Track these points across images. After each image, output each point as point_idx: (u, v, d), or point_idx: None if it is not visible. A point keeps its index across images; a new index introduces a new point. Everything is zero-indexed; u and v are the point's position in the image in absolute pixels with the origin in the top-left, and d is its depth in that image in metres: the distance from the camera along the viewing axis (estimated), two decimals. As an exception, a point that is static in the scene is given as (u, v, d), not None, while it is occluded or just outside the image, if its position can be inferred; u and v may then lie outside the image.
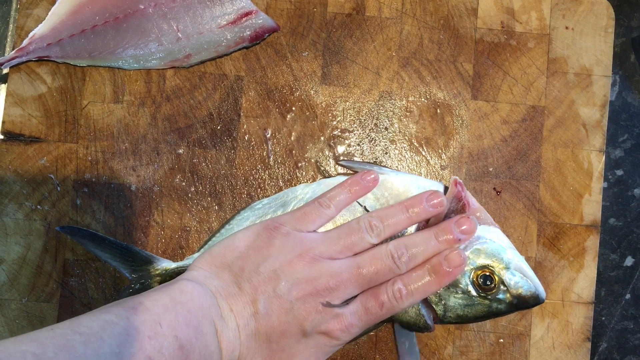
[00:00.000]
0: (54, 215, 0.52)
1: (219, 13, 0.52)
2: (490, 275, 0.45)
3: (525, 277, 0.45)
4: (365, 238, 0.44)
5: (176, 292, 0.40)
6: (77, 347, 0.33)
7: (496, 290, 0.45)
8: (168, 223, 0.52)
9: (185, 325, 0.38)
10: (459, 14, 0.54)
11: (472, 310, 0.46)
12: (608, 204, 0.56)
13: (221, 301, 0.41)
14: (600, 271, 0.55)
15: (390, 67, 0.54)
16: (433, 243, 0.44)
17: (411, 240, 0.44)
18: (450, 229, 0.44)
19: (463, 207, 0.47)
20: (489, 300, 0.45)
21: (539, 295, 0.45)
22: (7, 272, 0.51)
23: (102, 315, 0.36)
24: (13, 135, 0.52)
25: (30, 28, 0.53)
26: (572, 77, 0.54)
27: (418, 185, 0.49)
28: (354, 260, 0.43)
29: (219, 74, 0.53)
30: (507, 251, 0.46)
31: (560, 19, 0.54)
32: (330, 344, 0.43)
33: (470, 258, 0.45)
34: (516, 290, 0.45)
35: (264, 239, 0.44)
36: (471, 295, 0.45)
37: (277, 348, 0.42)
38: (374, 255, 0.44)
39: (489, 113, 0.54)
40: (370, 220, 0.45)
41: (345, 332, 0.43)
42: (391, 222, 0.45)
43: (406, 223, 0.45)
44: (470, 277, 0.45)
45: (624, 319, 0.55)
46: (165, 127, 0.53)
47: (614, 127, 0.56)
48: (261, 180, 0.53)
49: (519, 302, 0.45)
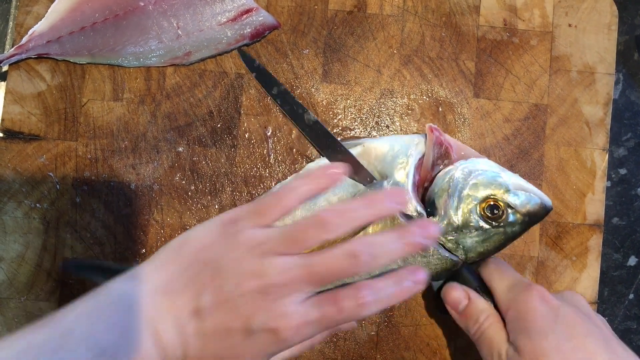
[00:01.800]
0: (53, 214, 0.52)
1: (219, 10, 0.52)
2: (495, 203, 0.46)
3: (527, 192, 0.46)
4: (320, 233, 0.40)
5: (100, 296, 0.38)
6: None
7: (505, 215, 0.46)
8: (168, 222, 0.52)
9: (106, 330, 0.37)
10: (461, 11, 0.54)
11: (491, 242, 0.46)
12: (611, 203, 0.55)
13: (161, 298, 0.40)
14: (604, 271, 0.54)
15: (391, 65, 0.53)
16: (395, 244, 0.39)
17: (372, 239, 0.40)
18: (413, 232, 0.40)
19: (446, 150, 0.47)
20: (502, 227, 0.46)
21: (545, 205, 0.46)
22: (5, 271, 0.51)
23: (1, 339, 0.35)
24: (12, 133, 0.52)
25: (29, 25, 0.53)
26: (575, 75, 0.54)
27: (400, 143, 0.50)
28: (306, 257, 0.40)
29: (219, 72, 0.53)
30: (502, 174, 0.47)
31: (563, 17, 0.54)
32: (277, 343, 0.40)
33: (470, 194, 0.46)
34: (524, 208, 0.46)
35: (216, 235, 0.42)
36: (485, 229, 0.46)
37: (223, 346, 0.39)
38: (327, 252, 0.39)
39: (491, 111, 0.53)
40: (326, 214, 0.40)
41: (296, 333, 0.39)
42: (351, 217, 0.40)
43: (369, 218, 0.41)
44: (477, 212, 0.46)
45: (627, 319, 0.55)
46: (165, 125, 0.53)
47: (617, 125, 0.56)
48: (261, 178, 0.52)
49: (530, 218, 0.46)
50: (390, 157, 0.49)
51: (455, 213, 0.46)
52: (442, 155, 0.47)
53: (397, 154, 0.49)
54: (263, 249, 0.40)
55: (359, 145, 0.51)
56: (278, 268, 0.39)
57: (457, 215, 0.46)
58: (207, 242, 0.42)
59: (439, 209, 0.47)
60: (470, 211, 0.46)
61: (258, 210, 0.42)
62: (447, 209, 0.46)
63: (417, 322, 0.52)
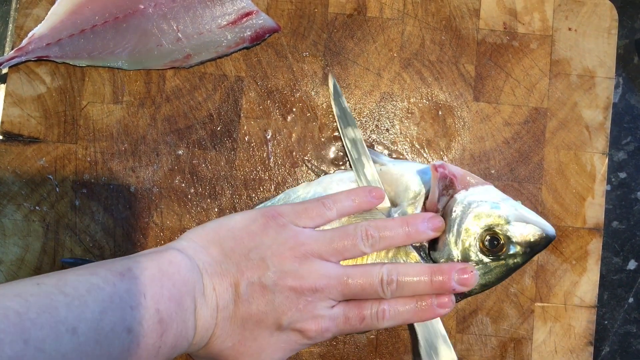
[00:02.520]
0: (52, 216, 0.52)
1: (219, 13, 0.52)
2: (495, 236, 0.45)
3: (528, 223, 0.45)
4: (359, 245, 0.44)
5: (165, 263, 0.39)
6: (60, 309, 0.32)
7: (506, 247, 0.45)
8: (167, 224, 0.52)
9: (169, 299, 0.37)
10: (461, 14, 0.54)
11: (492, 275, 0.45)
12: (611, 207, 0.55)
13: (206, 278, 0.41)
14: (603, 275, 0.54)
15: (391, 68, 0.53)
16: (425, 280, 0.43)
17: (405, 269, 0.43)
18: (449, 274, 0.43)
19: (451, 182, 0.46)
20: (503, 260, 0.45)
21: (547, 234, 0.45)
22: (5, 274, 0.51)
23: (90, 277, 0.35)
24: (12, 136, 0.52)
25: (29, 28, 0.53)
26: (575, 78, 0.54)
27: (416, 173, 0.49)
28: (345, 268, 0.43)
29: (219, 75, 0.53)
30: (502, 205, 0.45)
31: (563, 20, 0.54)
32: (301, 342, 0.43)
33: (469, 228, 0.45)
34: (525, 239, 0.45)
35: (260, 225, 0.43)
36: (485, 263, 0.45)
37: (250, 336, 0.41)
38: (365, 270, 0.43)
39: (491, 115, 0.53)
40: (367, 228, 0.44)
41: (320, 335, 0.42)
42: (387, 235, 0.44)
43: (403, 239, 0.45)
44: (477, 246, 0.45)
45: (627, 323, 0.55)
46: (165, 128, 0.53)
47: (617, 129, 0.56)
48: (261, 181, 0.52)
49: (532, 248, 0.45)
50: (404, 186, 0.49)
51: (455, 247, 0.45)
52: (447, 186, 0.46)
53: (410, 184, 0.48)
54: (305, 250, 0.43)
55: (377, 166, 0.50)
56: (317, 273, 0.42)
57: (457, 249, 0.45)
58: (251, 231, 0.43)
59: (439, 242, 0.46)
60: (470, 245, 0.45)
61: (300, 212, 0.45)
62: (447, 244, 0.46)
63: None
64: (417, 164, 0.51)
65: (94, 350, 0.33)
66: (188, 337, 0.39)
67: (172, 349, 0.38)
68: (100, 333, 0.33)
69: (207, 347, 0.41)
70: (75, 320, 0.32)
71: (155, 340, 0.36)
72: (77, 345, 0.32)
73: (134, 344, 0.35)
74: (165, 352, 0.37)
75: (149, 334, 0.36)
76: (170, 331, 0.37)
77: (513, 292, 0.52)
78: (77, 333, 0.32)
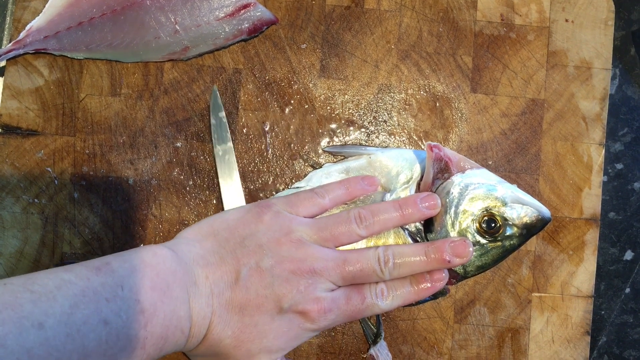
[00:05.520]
0: (51, 209, 0.52)
1: (217, 5, 0.52)
2: (492, 217, 0.45)
3: (524, 205, 0.45)
4: (354, 229, 0.44)
5: (148, 255, 0.39)
6: (24, 305, 0.32)
7: (502, 228, 0.45)
8: (166, 216, 0.52)
9: (151, 288, 0.37)
10: (458, 6, 0.54)
11: (489, 257, 0.46)
12: (608, 198, 0.55)
13: (197, 269, 0.41)
14: (600, 265, 0.55)
15: (389, 60, 0.54)
16: (421, 257, 0.43)
17: (400, 249, 0.44)
18: (442, 248, 0.43)
19: (446, 165, 0.46)
20: (500, 241, 0.45)
21: (543, 216, 0.45)
22: (4, 266, 0.51)
23: (61, 274, 0.35)
24: (10, 129, 0.52)
25: (27, 20, 0.53)
26: (571, 70, 0.54)
27: (405, 157, 0.49)
28: (341, 253, 0.43)
29: (217, 67, 0.53)
30: (498, 187, 0.46)
31: (560, 12, 0.54)
32: (304, 326, 0.42)
33: (466, 209, 0.45)
34: (521, 221, 0.45)
35: (254, 214, 0.43)
36: (482, 244, 0.45)
37: (250, 322, 0.41)
38: (361, 252, 0.43)
39: (488, 106, 0.54)
40: (361, 212, 0.44)
41: (322, 317, 0.42)
42: (382, 218, 0.44)
43: (397, 221, 0.45)
44: (474, 228, 0.45)
45: (624, 313, 0.55)
46: (163, 120, 0.53)
47: (613, 120, 0.56)
48: (259, 173, 0.53)
49: (528, 230, 0.45)
50: (395, 172, 0.49)
51: (452, 229, 0.45)
52: (442, 169, 0.46)
53: (401, 169, 0.49)
54: (301, 235, 0.43)
55: (365, 156, 0.51)
56: (314, 256, 0.42)
57: (454, 231, 0.45)
58: (245, 220, 0.44)
59: (435, 224, 0.46)
60: (467, 226, 0.45)
61: (294, 202, 0.45)
62: (444, 225, 0.46)
63: (414, 316, 0.52)
64: (405, 150, 0.51)
65: (65, 344, 0.33)
66: (182, 327, 0.39)
67: (162, 340, 0.38)
68: (71, 327, 0.33)
69: (206, 338, 0.41)
70: (41, 315, 0.32)
71: (138, 331, 0.36)
72: (45, 339, 0.32)
73: (112, 336, 0.35)
74: (154, 342, 0.37)
75: (130, 324, 0.36)
76: (156, 321, 0.37)
77: (510, 283, 0.52)
78: (45, 327, 0.32)
